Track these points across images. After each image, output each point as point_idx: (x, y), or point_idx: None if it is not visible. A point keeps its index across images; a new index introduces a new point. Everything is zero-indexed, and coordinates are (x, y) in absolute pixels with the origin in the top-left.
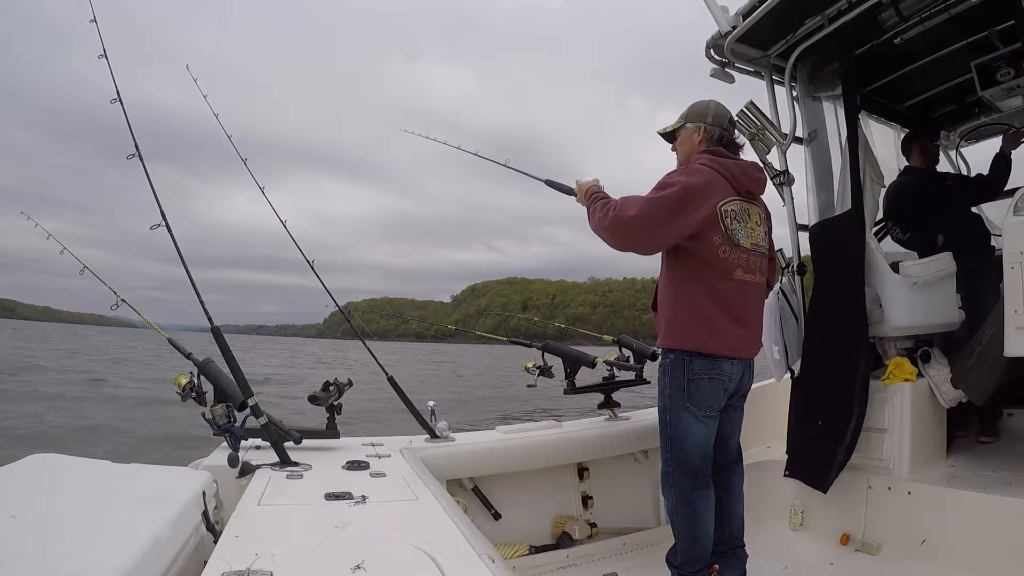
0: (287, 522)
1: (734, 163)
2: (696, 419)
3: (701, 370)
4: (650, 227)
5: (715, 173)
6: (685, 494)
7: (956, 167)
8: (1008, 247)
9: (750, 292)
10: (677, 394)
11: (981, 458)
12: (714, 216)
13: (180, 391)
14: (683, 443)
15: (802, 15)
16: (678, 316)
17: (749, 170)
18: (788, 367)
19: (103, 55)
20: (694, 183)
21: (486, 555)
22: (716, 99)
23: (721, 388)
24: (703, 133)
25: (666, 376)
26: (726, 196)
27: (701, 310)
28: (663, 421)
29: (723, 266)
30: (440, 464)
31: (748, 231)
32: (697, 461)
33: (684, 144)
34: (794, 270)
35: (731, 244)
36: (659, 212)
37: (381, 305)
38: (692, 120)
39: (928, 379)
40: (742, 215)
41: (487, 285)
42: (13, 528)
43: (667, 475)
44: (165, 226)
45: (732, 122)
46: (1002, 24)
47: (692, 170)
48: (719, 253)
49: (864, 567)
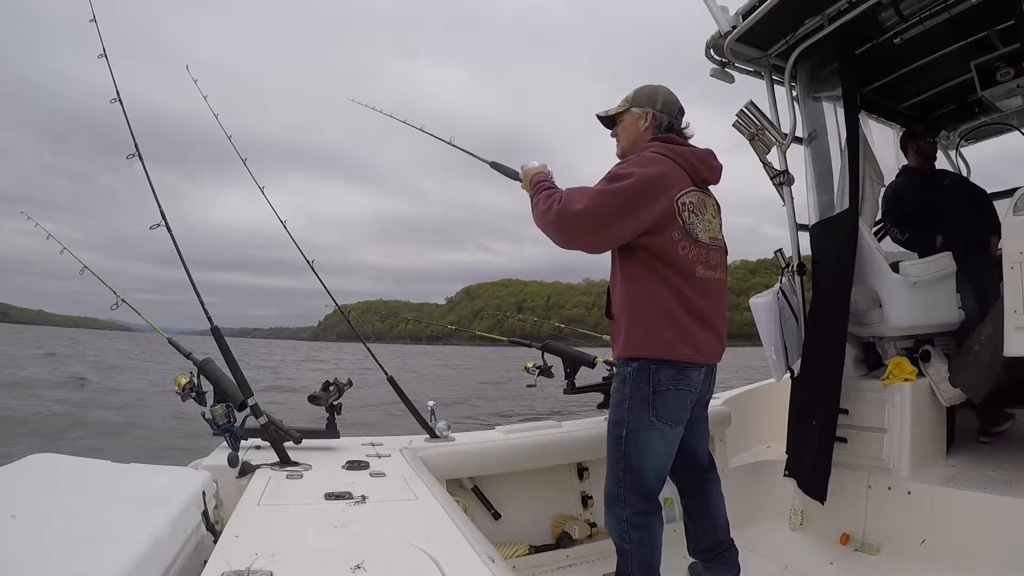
0: (287, 522)
1: (691, 151)
2: (661, 435)
3: (668, 380)
4: (600, 223)
5: (671, 162)
6: (639, 518)
7: (956, 167)
8: (1008, 247)
9: (712, 290)
10: (638, 408)
11: (981, 458)
12: (671, 209)
13: (180, 391)
14: (641, 462)
15: (802, 15)
16: (642, 321)
17: (706, 158)
18: (788, 367)
19: (103, 55)
20: (651, 174)
21: (486, 555)
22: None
23: (688, 399)
24: (651, 120)
25: (626, 387)
26: (684, 187)
27: (666, 313)
28: (616, 436)
29: (683, 263)
30: (440, 464)
31: (706, 224)
32: (653, 483)
33: (628, 130)
34: (794, 270)
35: (690, 239)
36: (611, 206)
37: (375, 307)
38: (639, 104)
39: (928, 378)
40: (699, 207)
41: (481, 287)
42: (13, 528)
43: (617, 497)
44: (165, 226)
45: (681, 110)
46: (1002, 24)
47: (647, 159)
48: (678, 249)
49: (864, 567)
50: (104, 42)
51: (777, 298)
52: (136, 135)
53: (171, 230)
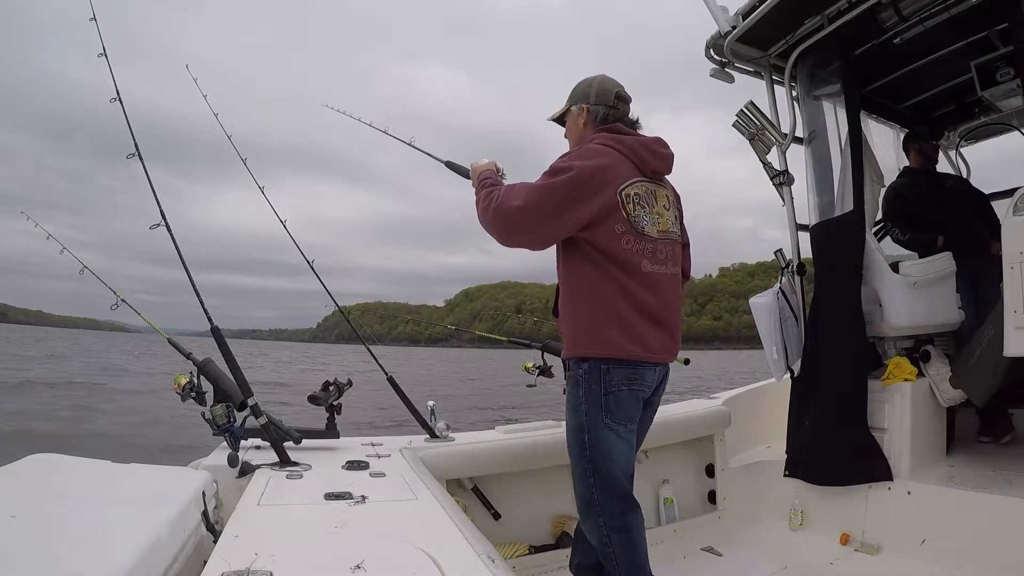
0: (287, 522)
1: (636, 140)
2: (618, 436)
3: (620, 380)
4: (538, 219)
5: (615, 153)
6: (617, 520)
7: (956, 167)
8: (1008, 247)
9: (661, 285)
10: (594, 410)
11: (981, 458)
12: (615, 202)
13: (180, 391)
14: (608, 465)
15: (802, 15)
16: (586, 319)
17: (653, 146)
18: (788, 367)
19: (103, 54)
20: (591, 166)
21: (486, 555)
22: (603, 73)
23: (640, 399)
24: (586, 115)
25: (579, 390)
26: (628, 178)
27: (612, 310)
28: (580, 442)
29: (628, 258)
30: (440, 464)
31: (654, 216)
32: (624, 483)
33: (571, 129)
34: (794, 270)
35: (635, 232)
36: (549, 201)
37: (374, 309)
38: (575, 102)
39: (928, 379)
40: (647, 199)
41: (480, 289)
42: (13, 528)
43: (591, 503)
44: (165, 226)
45: (621, 97)
46: (1001, 24)
47: (588, 151)
48: (622, 243)
49: (864, 567)
50: (104, 41)
51: (777, 298)
52: (135, 135)
53: (171, 230)
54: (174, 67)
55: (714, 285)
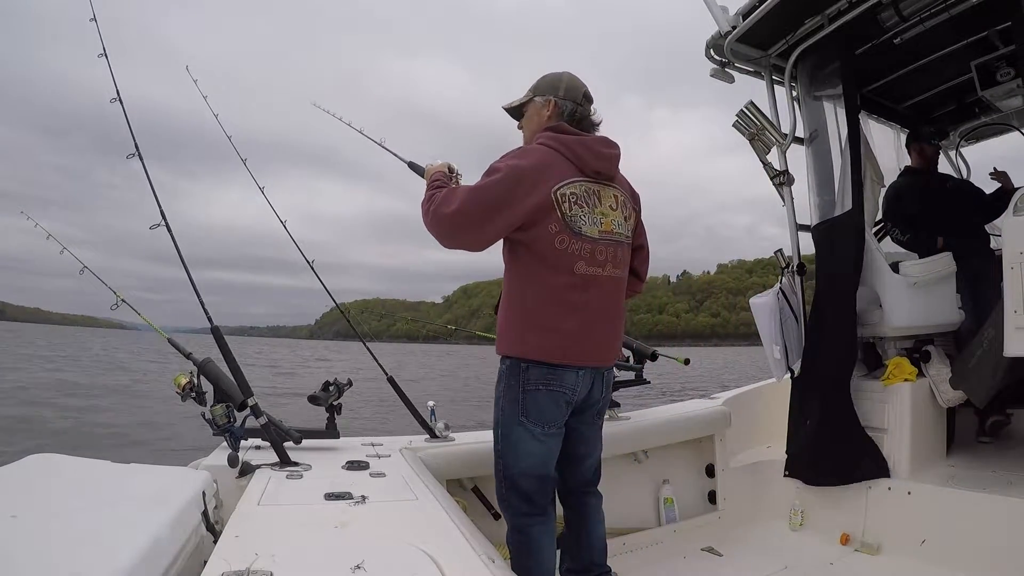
0: (287, 522)
1: (576, 139)
2: (532, 436)
3: (538, 380)
4: (472, 222)
5: (553, 152)
6: (519, 520)
7: (956, 167)
8: (1008, 247)
9: (597, 288)
10: (511, 407)
11: (981, 458)
12: (548, 202)
13: (180, 391)
14: (516, 463)
15: (802, 15)
16: (510, 318)
17: (595, 146)
18: (788, 367)
19: (103, 54)
20: (522, 166)
21: (486, 555)
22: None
23: (562, 401)
24: (553, 107)
25: (500, 385)
26: (565, 178)
27: (534, 311)
28: (495, 437)
29: (559, 259)
30: (440, 464)
31: (596, 216)
32: (531, 484)
33: (531, 120)
34: (794, 270)
35: (571, 233)
36: (482, 204)
37: (372, 306)
38: (541, 93)
39: (928, 379)
40: (587, 199)
41: (479, 286)
42: (13, 528)
43: (501, 499)
44: (165, 225)
45: (587, 97)
46: (1001, 24)
47: (524, 151)
48: (555, 244)
49: (864, 567)
50: (104, 41)
51: (777, 298)
52: (135, 134)
53: (171, 230)
54: (171, 64)
55: (712, 282)
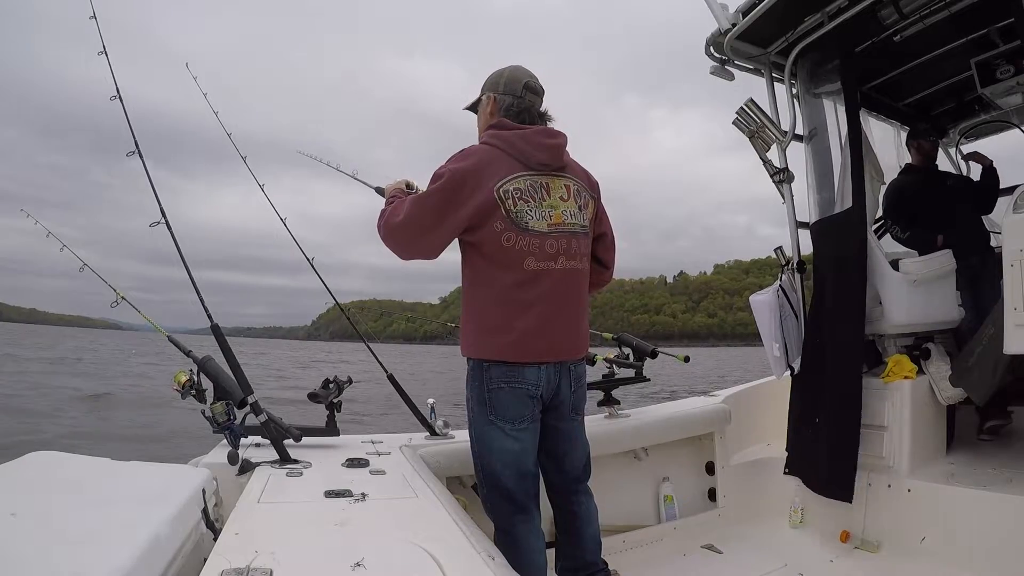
0: (287, 520)
1: (515, 134)
2: (505, 434)
3: (500, 378)
4: (419, 231)
5: (493, 150)
6: (502, 521)
7: (956, 164)
8: (1008, 245)
9: (550, 282)
10: (479, 407)
11: (981, 456)
12: (492, 200)
13: (180, 388)
14: (492, 462)
15: (802, 12)
16: (467, 320)
17: (536, 138)
18: (788, 364)
19: (103, 52)
20: (463, 168)
21: (486, 553)
22: (518, 66)
23: (525, 396)
24: (493, 104)
25: (468, 387)
26: (508, 174)
27: (486, 312)
28: (470, 438)
29: (507, 256)
30: (440, 462)
31: (545, 210)
32: (510, 483)
33: (480, 119)
34: (794, 268)
35: (517, 229)
36: (426, 213)
37: (369, 306)
38: (485, 91)
39: (928, 376)
40: (533, 192)
41: None
42: (13, 526)
43: (483, 501)
44: (165, 224)
45: (531, 87)
46: (1002, 22)
47: (464, 153)
48: (501, 242)
49: (864, 565)
50: (104, 40)
51: (777, 296)
52: (135, 132)
53: (171, 228)
54: (170, 62)
55: (709, 282)
